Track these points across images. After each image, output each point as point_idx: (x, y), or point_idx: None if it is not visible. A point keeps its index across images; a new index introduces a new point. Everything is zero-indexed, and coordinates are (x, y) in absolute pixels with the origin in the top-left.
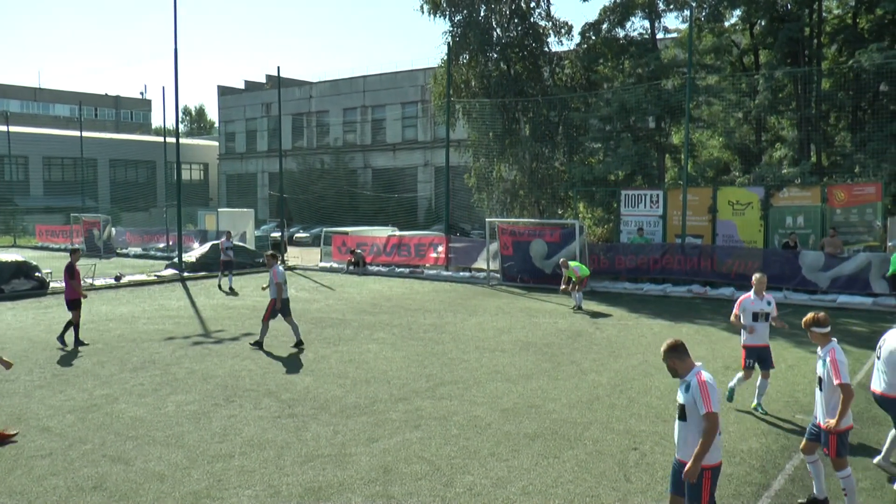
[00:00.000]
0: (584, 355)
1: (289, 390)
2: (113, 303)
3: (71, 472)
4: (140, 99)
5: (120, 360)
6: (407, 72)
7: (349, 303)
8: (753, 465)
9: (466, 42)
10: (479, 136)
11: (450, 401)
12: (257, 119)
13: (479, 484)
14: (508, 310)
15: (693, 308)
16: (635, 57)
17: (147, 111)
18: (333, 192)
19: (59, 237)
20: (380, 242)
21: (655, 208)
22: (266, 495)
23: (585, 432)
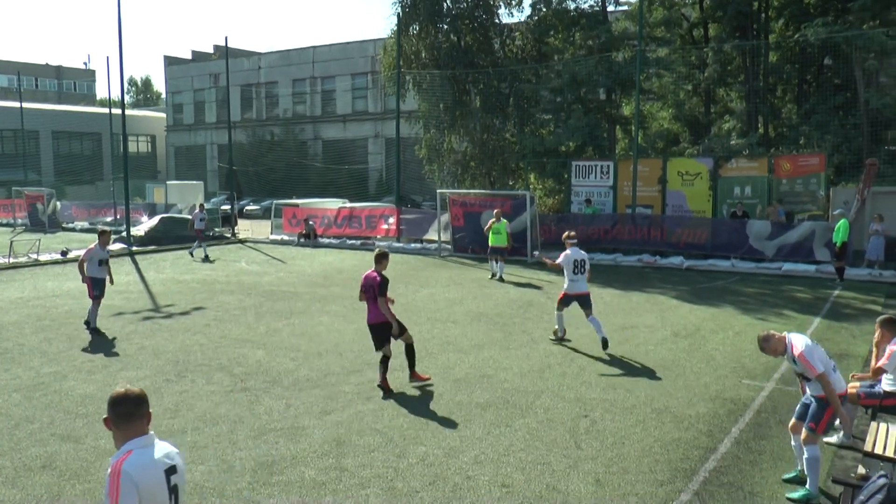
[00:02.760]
0: (536, 325)
1: (241, 364)
2: (59, 278)
3: (18, 452)
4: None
5: (68, 337)
6: (357, 42)
7: (301, 275)
8: (701, 430)
9: (416, 13)
10: (429, 107)
11: (402, 372)
12: (205, 90)
13: (431, 454)
14: (460, 281)
15: (643, 277)
16: (586, 29)
17: (91, 82)
18: (283, 164)
19: (1, 212)
20: (331, 214)
21: (606, 179)
22: (219, 470)
23: (537, 401)
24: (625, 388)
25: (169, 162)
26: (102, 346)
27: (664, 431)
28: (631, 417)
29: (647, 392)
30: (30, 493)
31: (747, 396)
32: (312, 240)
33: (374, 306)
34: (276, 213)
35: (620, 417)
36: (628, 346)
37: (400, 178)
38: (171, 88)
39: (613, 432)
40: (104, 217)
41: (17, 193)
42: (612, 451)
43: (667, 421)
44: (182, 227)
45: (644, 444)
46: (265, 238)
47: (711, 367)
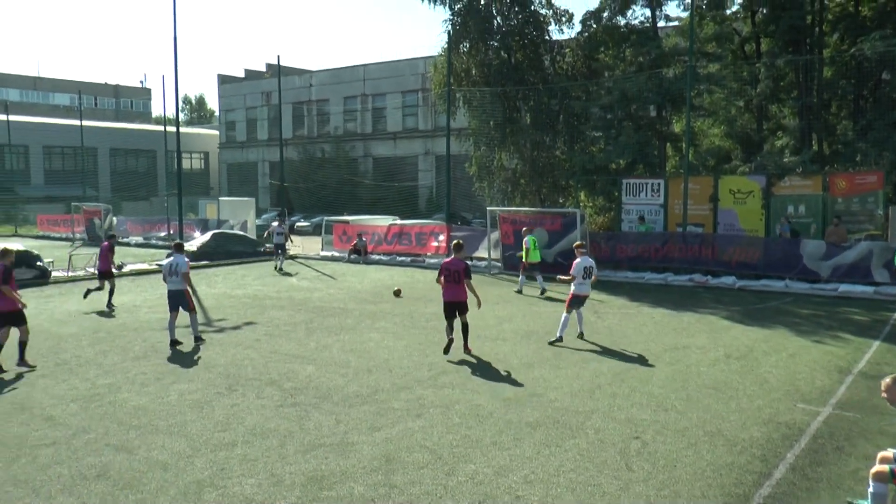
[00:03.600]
0: (586, 344)
1: (291, 379)
2: (116, 292)
3: (75, 461)
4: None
5: (122, 349)
6: (407, 60)
7: (350, 292)
8: (755, 455)
9: (467, 30)
10: (479, 124)
11: (451, 389)
12: (258, 108)
13: (481, 472)
14: (509, 298)
15: (694, 297)
16: (636, 45)
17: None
18: (334, 180)
19: (60, 226)
20: (381, 231)
21: (656, 197)
22: (269, 484)
23: (587, 421)
24: (676, 409)
25: (221, 178)
26: (155, 359)
27: (717, 455)
28: (683, 440)
29: (698, 414)
30: (85, 501)
31: (803, 421)
32: (363, 256)
33: (454, 287)
34: (326, 230)
35: (672, 440)
36: (679, 367)
37: (450, 196)
38: (224, 106)
39: (665, 455)
40: (158, 232)
41: (75, 209)
42: (664, 473)
43: (719, 444)
44: (233, 243)
45: (696, 467)
46: (316, 254)
47: (765, 389)
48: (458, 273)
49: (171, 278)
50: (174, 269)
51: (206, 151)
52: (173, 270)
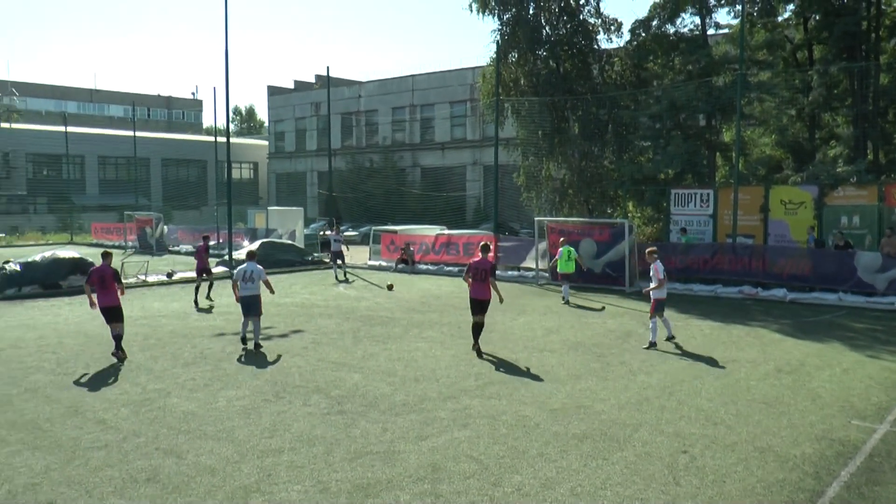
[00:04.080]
0: (634, 356)
1: (338, 387)
2: (165, 299)
3: (126, 464)
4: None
5: (172, 356)
6: (455, 70)
7: (398, 301)
8: (807, 472)
9: (515, 40)
10: (527, 134)
11: (498, 400)
12: (306, 118)
13: (527, 484)
14: (557, 309)
15: (744, 309)
16: (686, 53)
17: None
18: (382, 190)
19: (114, 235)
20: (428, 241)
21: (706, 207)
22: (315, 491)
23: (634, 434)
24: (725, 424)
25: (270, 188)
26: (204, 366)
27: (767, 471)
28: (732, 455)
29: (748, 429)
30: (136, 503)
31: (858, 438)
32: (410, 266)
33: (479, 285)
34: (374, 239)
35: (721, 455)
36: (729, 381)
37: (498, 206)
38: (273, 117)
39: (714, 470)
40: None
41: (128, 217)
42: (713, 489)
43: (770, 460)
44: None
45: (746, 483)
46: (363, 263)
47: (817, 405)
48: (485, 271)
49: (244, 284)
50: (248, 275)
51: (256, 161)
52: (248, 277)
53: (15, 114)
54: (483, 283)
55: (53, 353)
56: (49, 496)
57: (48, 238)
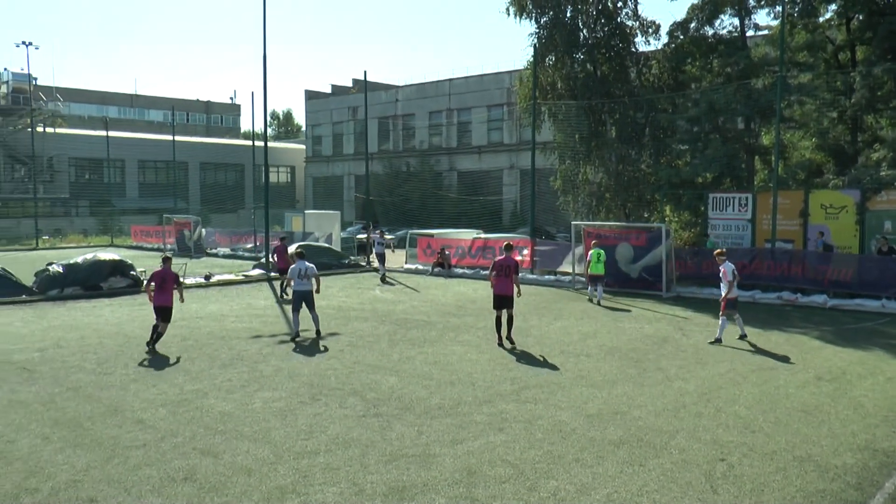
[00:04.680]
0: (671, 362)
1: (374, 390)
2: (203, 301)
3: (163, 464)
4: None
5: (209, 357)
6: (492, 74)
7: (434, 304)
8: (849, 482)
9: (552, 43)
10: (564, 138)
11: (534, 405)
12: (344, 123)
13: (563, 489)
14: (593, 314)
15: (783, 315)
16: (724, 56)
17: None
18: (419, 194)
19: (153, 237)
20: (465, 245)
21: (744, 212)
22: (351, 493)
23: (671, 441)
24: (764, 432)
25: (307, 192)
26: (241, 367)
27: (807, 481)
28: (771, 464)
29: (787, 438)
30: (173, 502)
31: None
32: (446, 269)
33: (503, 281)
34: (410, 243)
35: (759, 463)
36: (767, 388)
37: (534, 210)
38: (310, 121)
39: (752, 479)
40: (245, 244)
41: (166, 220)
42: (751, 498)
43: (810, 470)
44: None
45: (785, 493)
46: (400, 267)
47: (860, 414)
48: (510, 268)
49: (300, 280)
50: (304, 272)
51: (293, 165)
52: (303, 274)
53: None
54: (507, 279)
55: (94, 353)
56: (90, 493)
57: (89, 240)
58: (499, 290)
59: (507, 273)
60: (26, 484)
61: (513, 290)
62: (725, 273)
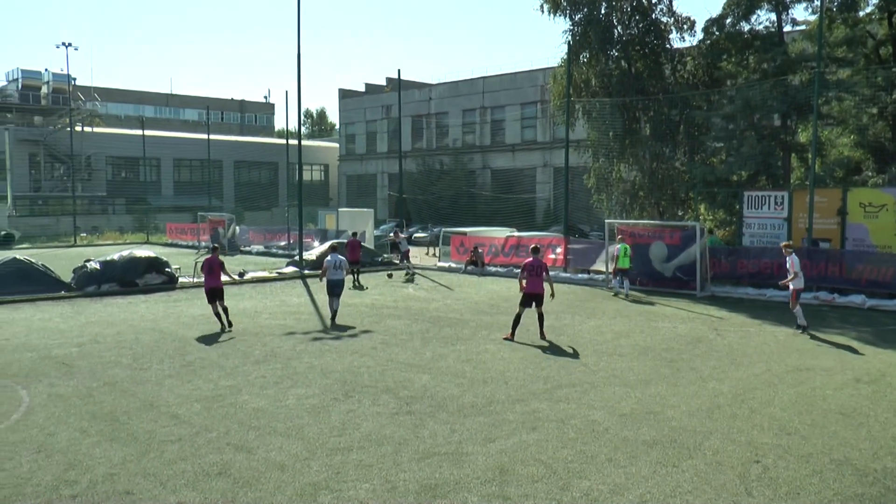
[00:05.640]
0: (705, 362)
1: (407, 388)
2: (236, 298)
3: (198, 458)
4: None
5: (243, 353)
6: (526, 72)
7: (467, 303)
8: (889, 487)
9: (587, 41)
10: (598, 136)
11: (567, 404)
12: (377, 121)
13: (595, 489)
14: (627, 313)
15: (820, 316)
16: (760, 51)
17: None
18: (452, 192)
19: (187, 235)
20: (498, 243)
21: (780, 210)
22: (383, 490)
23: (705, 442)
24: (800, 434)
25: (340, 190)
26: (274, 364)
27: (845, 485)
28: (807, 467)
29: (824, 440)
30: (207, 496)
31: None
32: (479, 268)
33: (535, 280)
34: (444, 241)
35: (795, 466)
36: (803, 390)
37: (568, 208)
38: (344, 120)
39: (788, 481)
40: (278, 242)
41: (201, 218)
42: (786, 501)
43: (847, 474)
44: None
45: (822, 496)
46: (433, 265)
47: None
48: (540, 268)
49: (335, 271)
50: (338, 264)
51: (326, 163)
52: (338, 265)
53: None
54: (538, 279)
55: (130, 348)
56: (126, 486)
57: (125, 238)
58: (530, 289)
59: (538, 273)
60: (66, 476)
61: (543, 288)
62: (793, 264)
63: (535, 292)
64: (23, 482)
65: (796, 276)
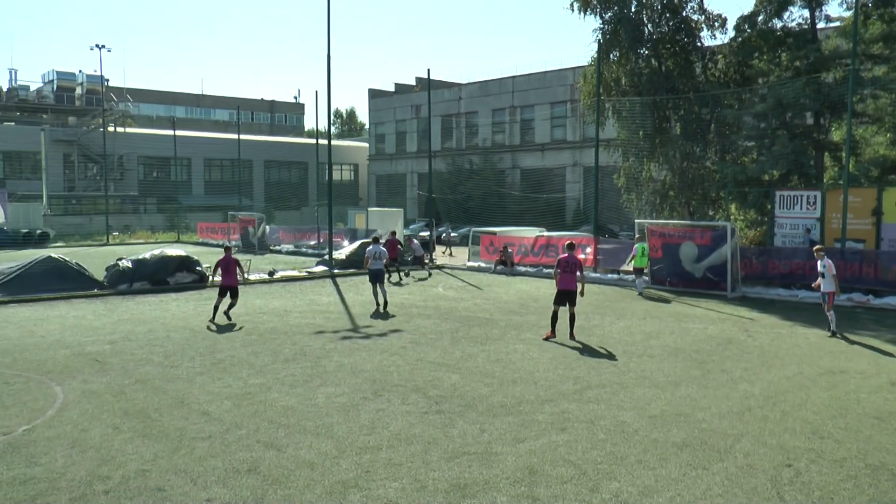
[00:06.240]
0: (736, 364)
1: (436, 387)
2: (266, 297)
3: (228, 455)
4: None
5: (273, 352)
6: (556, 71)
7: (496, 302)
8: None
9: (617, 39)
10: (628, 135)
11: (597, 405)
12: (407, 121)
13: (625, 491)
14: (657, 314)
15: (854, 318)
16: (793, 49)
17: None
18: (481, 192)
19: (218, 234)
20: (527, 243)
21: (812, 210)
22: (412, 489)
23: (736, 444)
24: (833, 438)
25: (370, 189)
26: (304, 362)
27: (880, 490)
28: (841, 471)
29: (858, 445)
30: (237, 493)
31: None
32: (509, 267)
33: (569, 277)
34: (473, 241)
35: (828, 470)
36: (837, 393)
37: (597, 208)
38: (374, 120)
39: (820, 486)
40: (308, 241)
41: (231, 217)
42: None
43: (883, 479)
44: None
45: (856, 501)
46: (462, 265)
47: None
48: (575, 265)
49: (375, 261)
50: (377, 254)
51: (356, 163)
52: (377, 256)
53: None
54: (572, 275)
55: (161, 346)
56: (158, 482)
57: (157, 237)
58: (563, 286)
59: (572, 270)
60: (99, 471)
61: (576, 285)
62: (830, 267)
63: (568, 289)
64: (58, 477)
65: (833, 278)
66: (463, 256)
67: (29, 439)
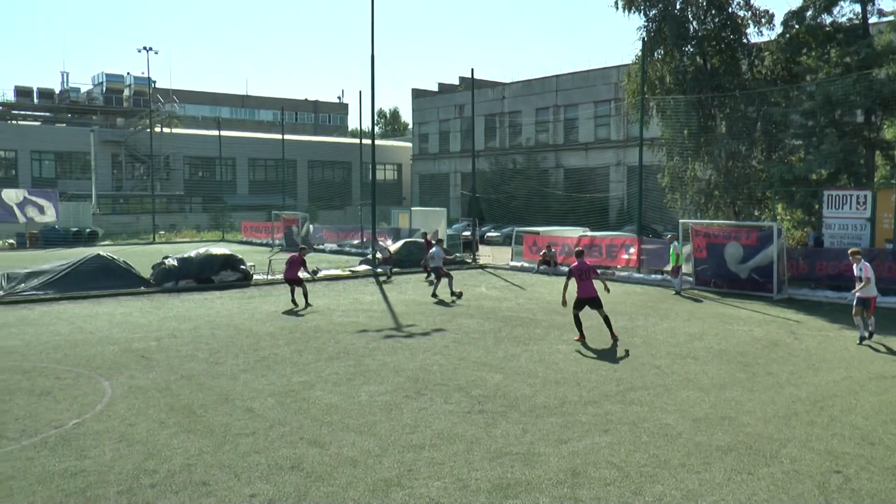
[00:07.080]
0: (782, 367)
1: (479, 387)
2: (310, 295)
3: (271, 452)
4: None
5: (316, 350)
6: (599, 70)
7: (539, 302)
8: None
9: (661, 37)
10: (673, 134)
11: (640, 406)
12: (450, 120)
13: (668, 495)
14: (701, 315)
15: None
16: (843, 45)
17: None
18: (525, 191)
19: (262, 233)
20: (571, 242)
21: (862, 210)
22: (455, 488)
23: (782, 449)
24: (885, 444)
25: (413, 189)
26: (347, 361)
27: None
28: (892, 479)
29: None
30: (280, 489)
31: None
32: (552, 267)
33: (587, 284)
34: (516, 240)
35: (879, 477)
36: (888, 398)
37: (641, 207)
38: (417, 119)
39: (871, 493)
40: (351, 240)
41: (275, 217)
42: None
43: None
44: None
45: None
46: (505, 264)
47: None
48: (588, 271)
49: (433, 260)
50: (433, 254)
51: (400, 163)
52: (433, 256)
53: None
54: (588, 282)
55: (206, 343)
56: (203, 477)
57: (202, 235)
58: (584, 293)
59: (588, 276)
60: (145, 465)
61: (596, 291)
62: (867, 270)
63: (588, 296)
64: (106, 470)
65: (868, 282)
66: (505, 256)
67: (79, 433)
